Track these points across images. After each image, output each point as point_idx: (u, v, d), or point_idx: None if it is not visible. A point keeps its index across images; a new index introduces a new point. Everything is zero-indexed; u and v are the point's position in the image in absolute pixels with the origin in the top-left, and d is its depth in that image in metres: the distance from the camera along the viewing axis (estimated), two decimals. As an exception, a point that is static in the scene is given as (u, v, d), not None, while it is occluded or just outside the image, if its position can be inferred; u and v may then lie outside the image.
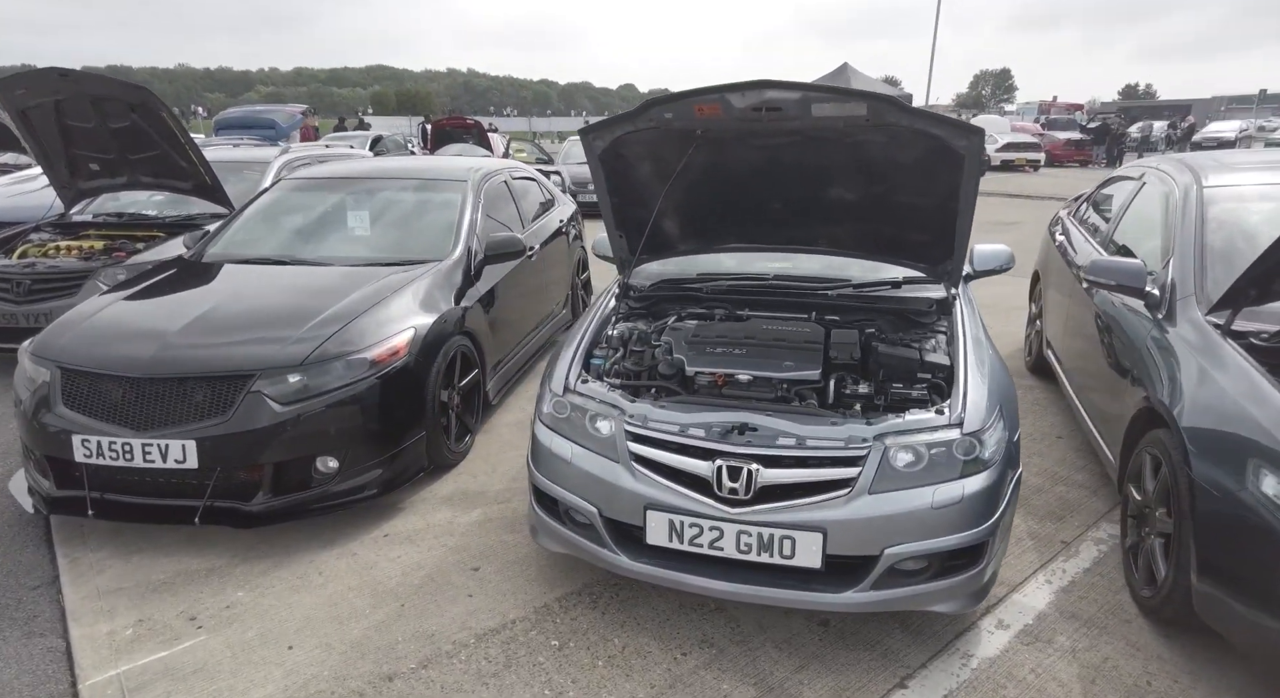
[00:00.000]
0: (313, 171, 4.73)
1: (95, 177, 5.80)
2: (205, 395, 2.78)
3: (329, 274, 3.59)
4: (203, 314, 3.11)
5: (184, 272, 3.74)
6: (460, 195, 4.28)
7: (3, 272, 4.88)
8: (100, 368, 2.85)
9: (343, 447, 2.89)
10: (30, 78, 5.06)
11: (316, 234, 4.12)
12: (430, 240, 3.98)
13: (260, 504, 2.82)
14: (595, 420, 2.36)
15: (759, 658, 2.24)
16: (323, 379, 2.86)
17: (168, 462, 2.74)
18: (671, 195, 2.74)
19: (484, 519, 3.05)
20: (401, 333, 3.13)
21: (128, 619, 2.45)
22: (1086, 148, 25.91)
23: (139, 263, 4.97)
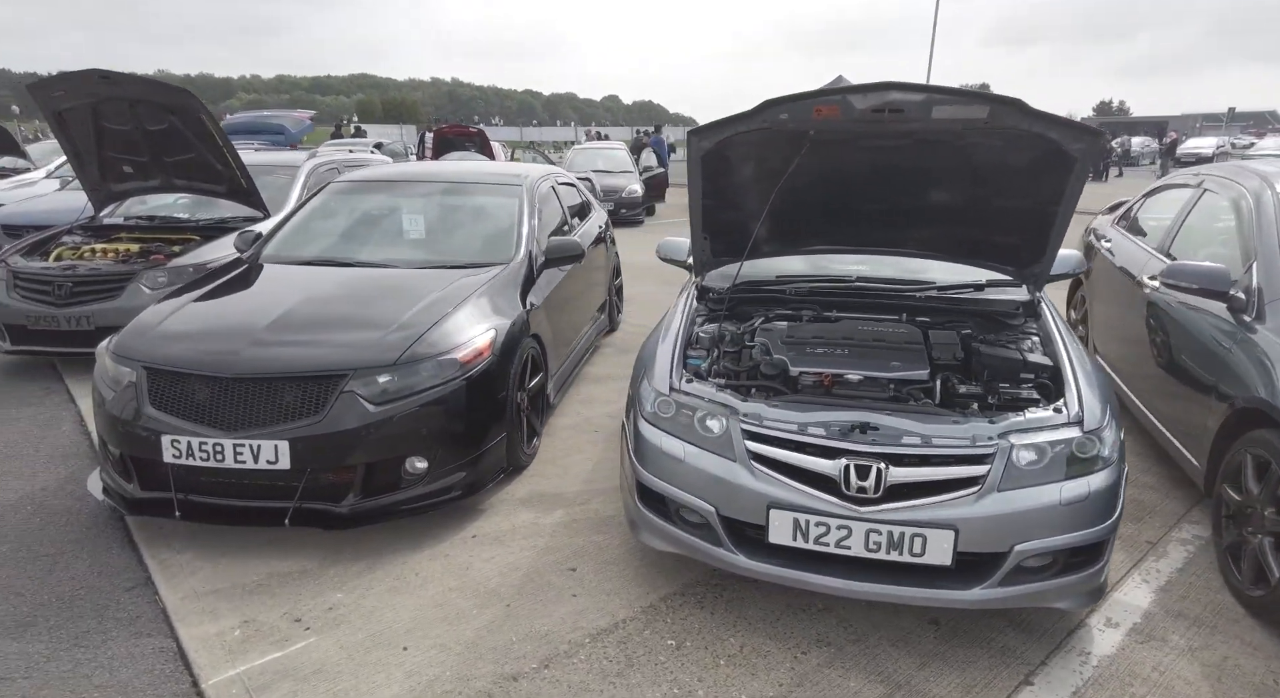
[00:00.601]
0: (363, 174, 4.72)
1: (127, 179, 5.73)
2: (296, 395, 2.76)
3: (399, 276, 3.57)
4: (283, 315, 3.09)
5: (249, 273, 3.70)
6: (517, 199, 4.29)
7: (43, 274, 4.81)
8: (188, 368, 2.82)
9: (432, 448, 2.88)
10: (69, 79, 5.00)
11: (375, 237, 4.11)
12: (492, 243, 3.98)
13: (350, 506, 2.79)
14: (706, 420, 2.38)
15: (878, 656, 2.26)
16: (413, 380, 2.85)
17: (259, 463, 2.71)
18: (768, 197, 2.78)
19: (568, 521, 3.05)
20: (484, 334, 3.13)
21: (232, 620, 2.42)
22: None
23: (180, 266, 4.92)
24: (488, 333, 3.15)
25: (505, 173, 4.68)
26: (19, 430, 4.03)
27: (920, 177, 2.67)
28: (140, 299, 4.77)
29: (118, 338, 3.07)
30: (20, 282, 4.83)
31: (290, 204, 5.92)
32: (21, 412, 4.30)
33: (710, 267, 3.18)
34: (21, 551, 2.85)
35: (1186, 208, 3.59)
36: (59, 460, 3.67)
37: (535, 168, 5.01)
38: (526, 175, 4.64)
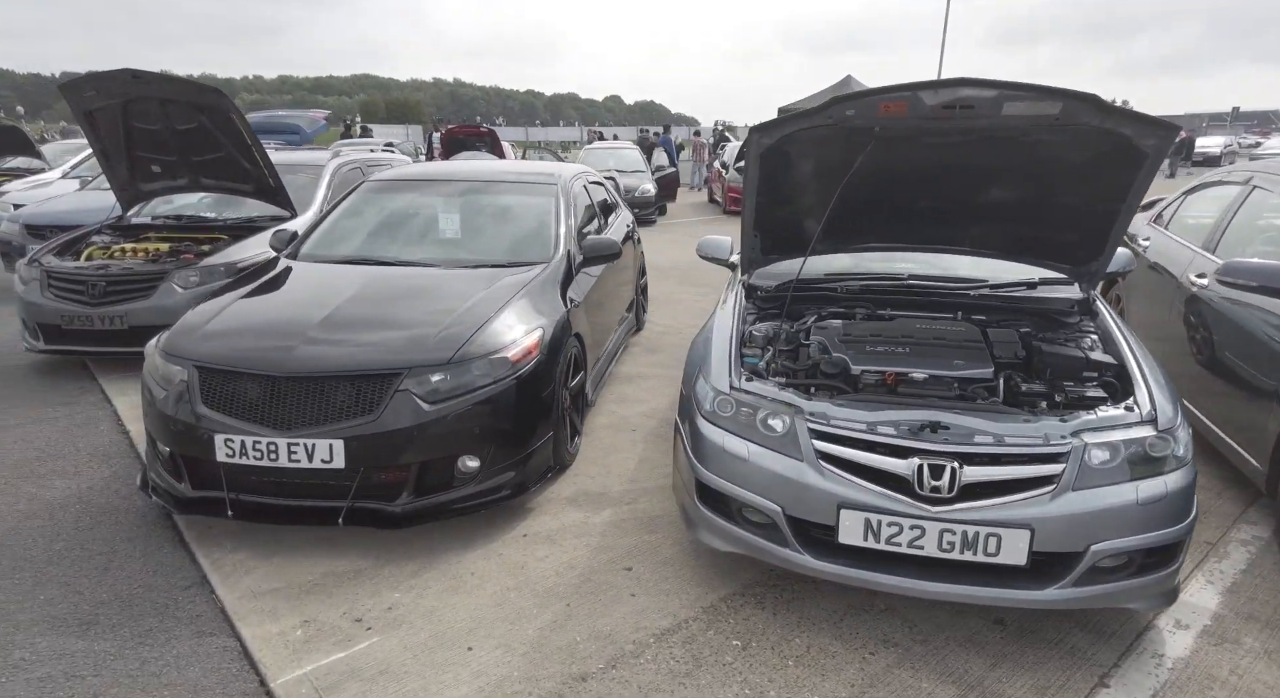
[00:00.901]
0: (397, 173, 4.71)
1: (155, 178, 5.73)
2: (350, 394, 2.75)
3: (442, 275, 3.56)
4: (333, 313, 3.08)
5: (290, 272, 3.69)
6: (552, 198, 4.28)
7: (76, 274, 4.81)
8: (241, 366, 2.81)
9: (483, 447, 2.87)
10: (101, 79, 5.00)
11: (412, 236, 4.10)
12: (530, 242, 3.97)
13: (404, 505, 2.79)
14: (768, 418, 2.36)
15: (948, 657, 2.24)
16: (466, 378, 2.84)
17: (314, 462, 2.70)
18: (823, 194, 2.77)
19: (617, 520, 3.03)
20: (532, 333, 3.12)
21: (293, 620, 2.41)
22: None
23: (211, 265, 4.92)
24: (535, 332, 3.14)
25: (539, 172, 4.67)
26: (58, 430, 4.03)
27: (979, 173, 2.65)
28: (173, 298, 4.78)
29: (167, 336, 3.07)
30: (54, 281, 4.83)
31: (316, 203, 5.92)
32: (58, 411, 4.30)
33: (759, 265, 3.17)
34: (75, 549, 2.85)
35: (1234, 206, 3.56)
36: (101, 460, 3.67)
37: (567, 166, 5.00)
38: (560, 174, 4.63)
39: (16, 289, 4.90)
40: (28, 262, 4.98)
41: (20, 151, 12.50)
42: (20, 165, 12.79)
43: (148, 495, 3.08)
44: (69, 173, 11.31)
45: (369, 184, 4.52)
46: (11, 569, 2.72)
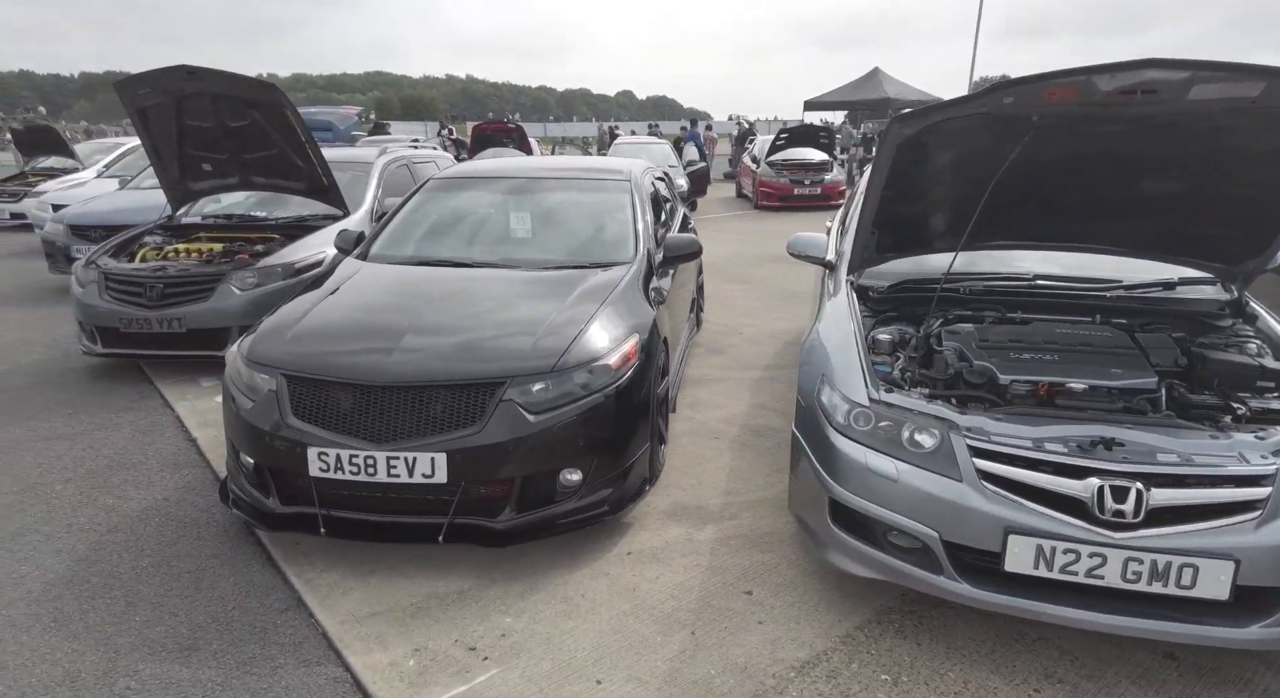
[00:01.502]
0: (462, 171, 4.55)
1: (205, 177, 5.62)
2: (450, 405, 2.60)
3: (524, 277, 3.40)
4: (421, 319, 2.93)
5: (366, 274, 3.54)
6: (628, 195, 4.11)
7: (134, 276, 4.70)
8: (334, 375, 2.66)
9: (586, 459, 2.71)
10: (155, 76, 4.88)
11: (485, 236, 3.94)
12: (609, 242, 3.80)
13: (507, 522, 2.63)
14: (916, 434, 2.19)
15: (1122, 695, 2.06)
16: (569, 387, 2.69)
17: (414, 476, 2.55)
18: (962, 187, 2.57)
19: (723, 537, 2.87)
20: (630, 338, 2.96)
21: (403, 648, 2.26)
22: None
23: (268, 266, 4.80)
24: (632, 336, 2.98)
25: (610, 168, 4.50)
26: (124, 437, 3.92)
27: (1137, 164, 2.45)
28: (230, 300, 4.66)
29: (250, 343, 2.93)
30: (111, 283, 4.73)
31: (367, 202, 5.79)
32: (121, 417, 4.20)
33: (872, 263, 2.98)
34: (162, 566, 2.72)
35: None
36: (171, 469, 3.55)
37: (634, 162, 4.83)
38: (630, 169, 4.46)
39: (74, 292, 4.80)
40: (85, 263, 4.89)
41: (54, 151, 12.51)
42: (54, 165, 12.81)
43: (228, 508, 2.96)
44: (104, 172, 11.30)
45: (434, 183, 4.37)
46: (102, 588, 2.60)
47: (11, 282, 8.04)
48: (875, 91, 20.77)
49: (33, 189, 11.86)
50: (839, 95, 21.69)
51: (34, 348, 5.56)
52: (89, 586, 2.62)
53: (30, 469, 3.55)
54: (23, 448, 3.79)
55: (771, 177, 14.09)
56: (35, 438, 3.92)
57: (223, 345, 4.70)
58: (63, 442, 3.86)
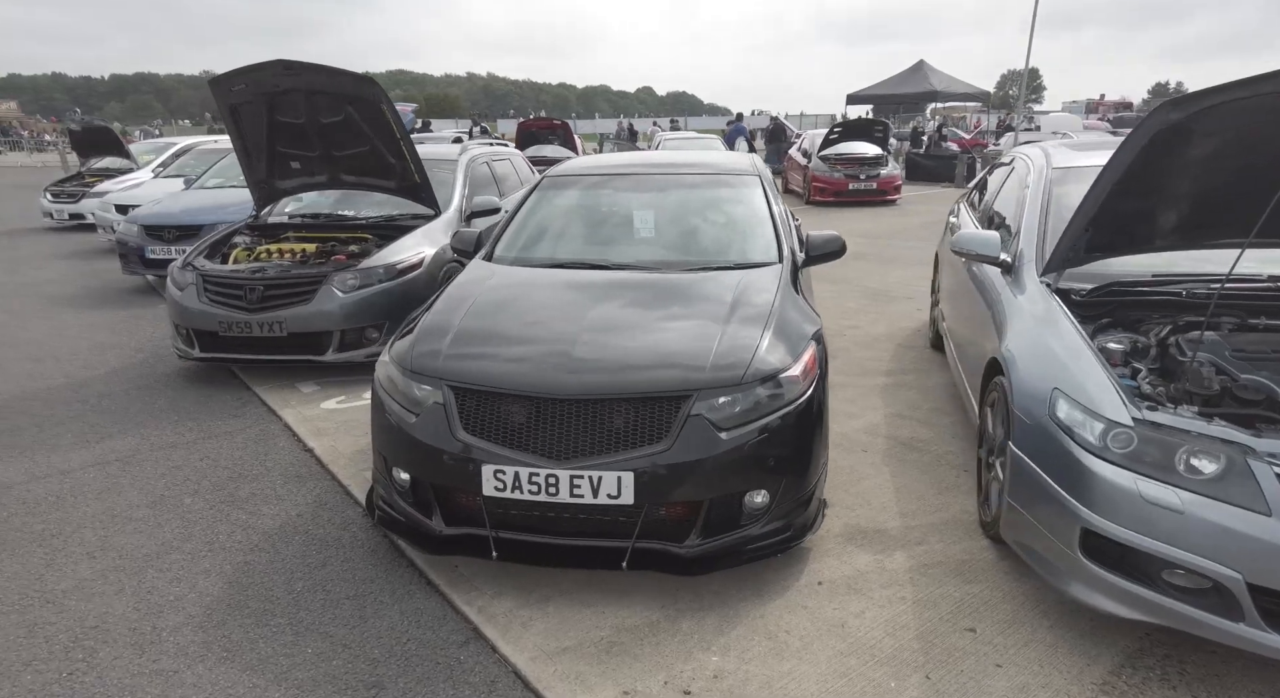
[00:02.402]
0: (578, 167, 4.33)
1: (293, 175, 5.48)
2: (635, 419, 2.39)
3: (677, 280, 3.15)
4: (586, 327, 2.72)
5: (506, 279, 3.30)
6: (759, 189, 3.88)
7: (233, 278, 4.56)
8: (509, 387, 2.46)
9: (773, 479, 2.48)
10: (252, 72, 4.74)
11: (618, 235, 3.72)
12: (751, 240, 3.56)
13: (694, 547, 2.42)
14: (1193, 458, 1.94)
15: None
16: (757, 401, 2.46)
17: (598, 497, 2.34)
18: (1210, 178, 2.30)
19: (918, 565, 2.63)
20: (809, 347, 2.72)
21: (610, 691, 2.06)
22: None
23: (370, 267, 4.64)
24: (810, 345, 2.74)
25: (734, 162, 4.27)
26: (236, 446, 3.78)
27: None
28: (333, 302, 4.50)
29: (406, 352, 2.72)
30: (210, 286, 4.59)
31: (455, 201, 5.62)
32: (229, 425, 4.06)
33: (1077, 263, 2.72)
34: (317, 591, 2.55)
35: None
36: (295, 481, 3.39)
37: (752, 156, 4.59)
38: (754, 163, 4.23)
39: (171, 294, 4.67)
40: (181, 265, 4.76)
41: (110, 152, 12.55)
42: (109, 165, 12.86)
43: (377, 526, 2.78)
44: (160, 172, 11.30)
45: (549, 180, 4.16)
46: (263, 614, 2.43)
47: (83, 283, 8.00)
48: (921, 84, 20.30)
49: (90, 189, 11.93)
50: (883, 88, 21.23)
51: (123, 351, 5.47)
52: (249, 611, 2.45)
53: (154, 481, 3.41)
54: (141, 458, 3.65)
55: (825, 171, 13.76)
56: (150, 447, 3.78)
57: (322, 350, 4.57)
58: (178, 452, 3.73)
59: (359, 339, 4.60)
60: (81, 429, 4.02)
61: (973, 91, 21.57)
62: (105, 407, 4.36)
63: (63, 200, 11.92)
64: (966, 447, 3.55)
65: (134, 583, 2.63)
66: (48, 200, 12.00)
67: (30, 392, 4.63)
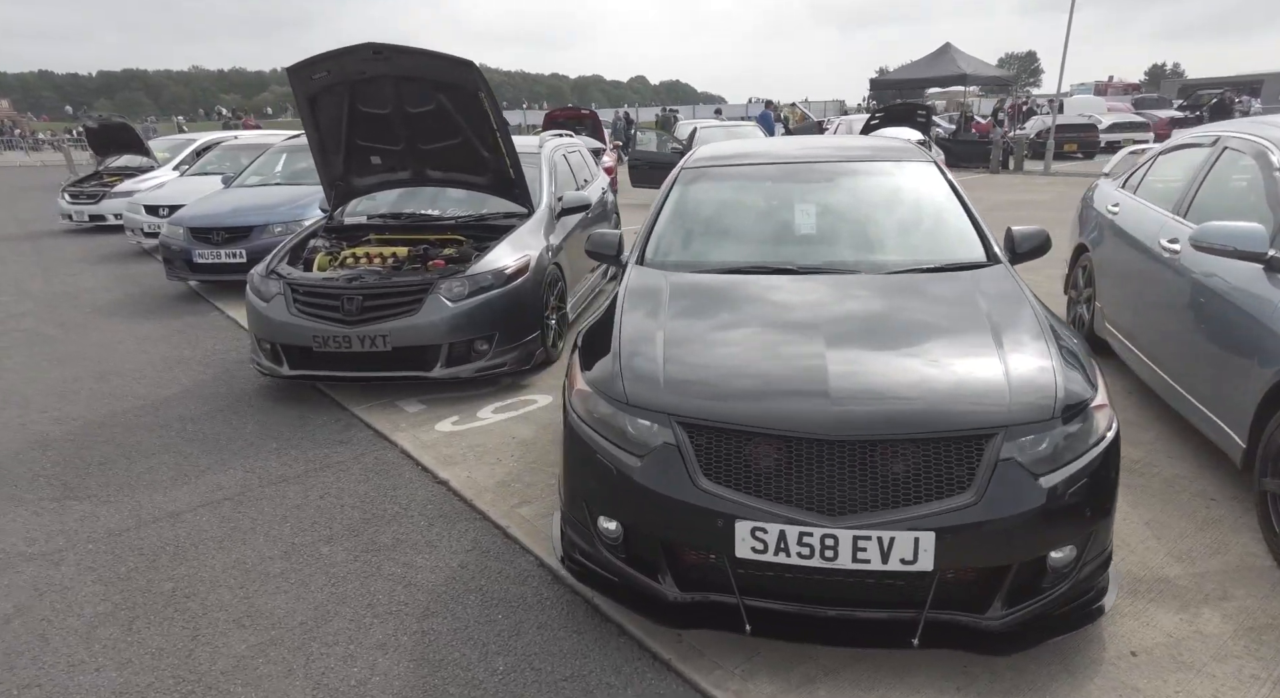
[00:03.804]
0: (715, 157, 3.87)
1: (372, 171, 5.01)
2: (925, 465, 1.96)
3: (891, 285, 2.71)
4: (830, 347, 2.27)
5: (688, 288, 2.82)
6: (937, 174, 3.43)
7: (327, 287, 4.11)
8: (761, 425, 2.03)
9: (1081, 532, 2.06)
10: (337, 57, 4.27)
11: (795, 234, 3.26)
12: (948, 235, 3.12)
13: (1000, 619, 1.99)
14: None
15: None
16: (1068, 438, 2.03)
17: (888, 562, 1.92)
18: None
19: (1242, 628, 2.19)
20: (1095, 368, 2.30)
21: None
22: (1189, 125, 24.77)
23: (478, 273, 4.18)
24: (1094, 364, 2.32)
25: (897, 146, 3.82)
26: (356, 479, 3.34)
27: None
28: (441, 313, 4.06)
29: (611, 380, 2.27)
30: (300, 296, 4.15)
31: (544, 197, 5.16)
32: (337, 453, 3.62)
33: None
34: (526, 670, 2.12)
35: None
36: (442, 523, 2.96)
37: (910, 134, 4.14)
38: (913, 144, 3.79)
39: (254, 306, 4.22)
40: (265, 274, 4.30)
41: (129, 150, 12.01)
42: (127, 164, 12.32)
43: (571, 579, 2.37)
44: (187, 170, 10.78)
45: (690, 172, 3.70)
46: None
47: (123, 290, 7.53)
48: (949, 68, 19.77)
49: (111, 190, 11.41)
50: (910, 72, 20.70)
51: (190, 367, 5.02)
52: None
53: (277, 524, 2.98)
54: (253, 496, 3.22)
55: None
56: (259, 482, 3.35)
57: (429, 365, 4.13)
58: (292, 487, 3.30)
59: (467, 352, 4.15)
60: (175, 461, 3.59)
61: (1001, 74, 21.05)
62: (192, 433, 3.92)
63: (82, 201, 11.41)
64: (1196, 470, 3.13)
65: (301, 662, 2.21)
66: (66, 201, 11.49)
67: (106, 416, 4.19)
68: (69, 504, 3.20)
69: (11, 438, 3.93)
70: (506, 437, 3.72)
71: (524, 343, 4.34)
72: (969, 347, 2.28)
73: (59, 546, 2.88)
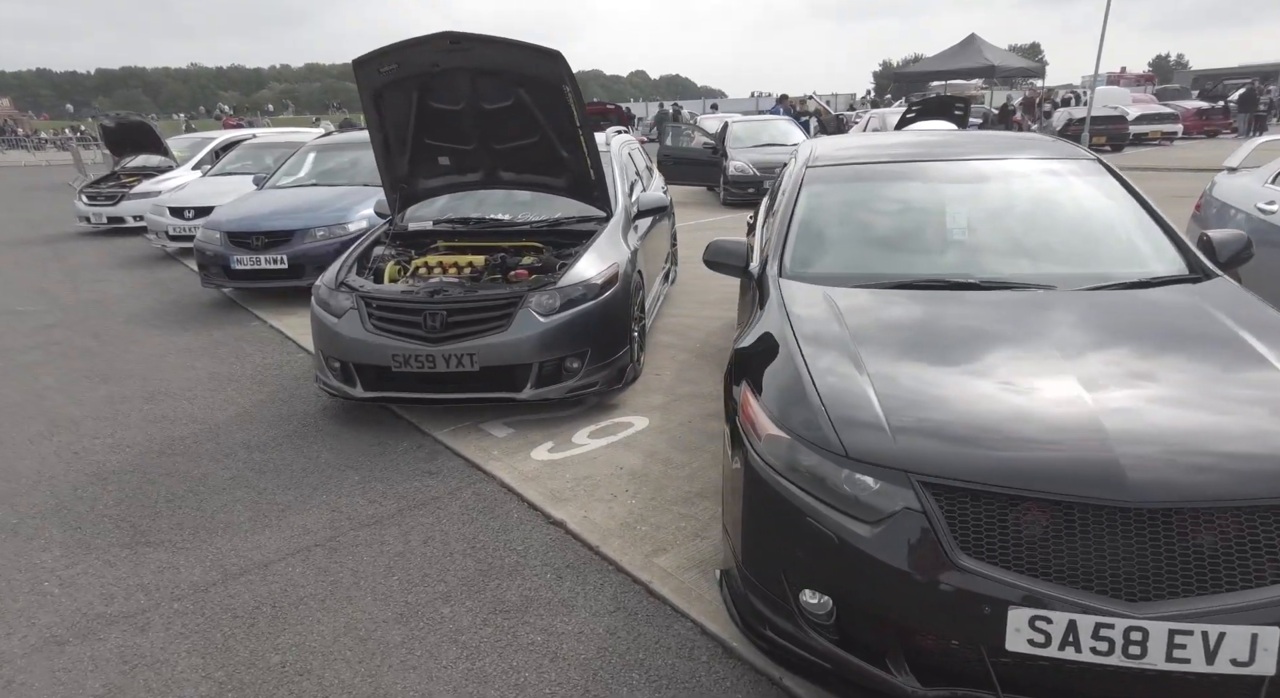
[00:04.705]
0: (839, 154, 3.50)
1: (440, 173, 4.64)
2: (1247, 539, 1.59)
3: (1114, 303, 2.37)
4: (1091, 388, 1.89)
5: (861, 307, 2.46)
6: (1106, 175, 3.07)
7: (405, 302, 3.75)
8: (1028, 486, 1.67)
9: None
10: (410, 48, 3.89)
11: (956, 240, 2.90)
12: (1133, 242, 2.78)
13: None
14: None
15: None
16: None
17: (1214, 663, 1.53)
18: None
19: None
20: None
21: None
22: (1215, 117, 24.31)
23: (568, 285, 3.82)
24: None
25: (1047, 142, 3.46)
26: (457, 520, 2.98)
27: None
28: (533, 328, 3.69)
29: (818, 424, 1.90)
30: (376, 311, 3.79)
31: (619, 199, 4.78)
32: (428, 487, 3.26)
33: None
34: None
35: None
36: (570, 575, 2.61)
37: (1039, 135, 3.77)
38: (1062, 142, 3.42)
39: (324, 322, 3.85)
40: (334, 286, 3.94)
41: (146, 149, 11.62)
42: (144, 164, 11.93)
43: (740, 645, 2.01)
44: (209, 170, 10.40)
45: (814, 173, 3.32)
46: None
47: (154, 297, 7.17)
48: (975, 59, 19.36)
49: (130, 191, 11.04)
50: (934, 64, 20.26)
51: (242, 384, 4.67)
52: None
53: (382, 578, 2.63)
54: (345, 541, 2.87)
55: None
56: (349, 524, 3.00)
57: (518, 386, 3.77)
58: (388, 531, 2.94)
59: (557, 371, 3.79)
60: (251, 498, 3.24)
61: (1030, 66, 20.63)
62: (261, 463, 3.57)
63: (100, 203, 11.03)
64: None
65: (456, 764, 1.87)
66: (83, 203, 11.11)
67: (164, 443, 3.83)
68: (143, 552, 2.86)
69: (67, 469, 3.58)
70: (613, 467, 3.36)
71: (615, 359, 3.97)
72: (1254, 385, 1.92)
73: (141, 605, 2.54)
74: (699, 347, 4.97)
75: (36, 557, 2.85)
